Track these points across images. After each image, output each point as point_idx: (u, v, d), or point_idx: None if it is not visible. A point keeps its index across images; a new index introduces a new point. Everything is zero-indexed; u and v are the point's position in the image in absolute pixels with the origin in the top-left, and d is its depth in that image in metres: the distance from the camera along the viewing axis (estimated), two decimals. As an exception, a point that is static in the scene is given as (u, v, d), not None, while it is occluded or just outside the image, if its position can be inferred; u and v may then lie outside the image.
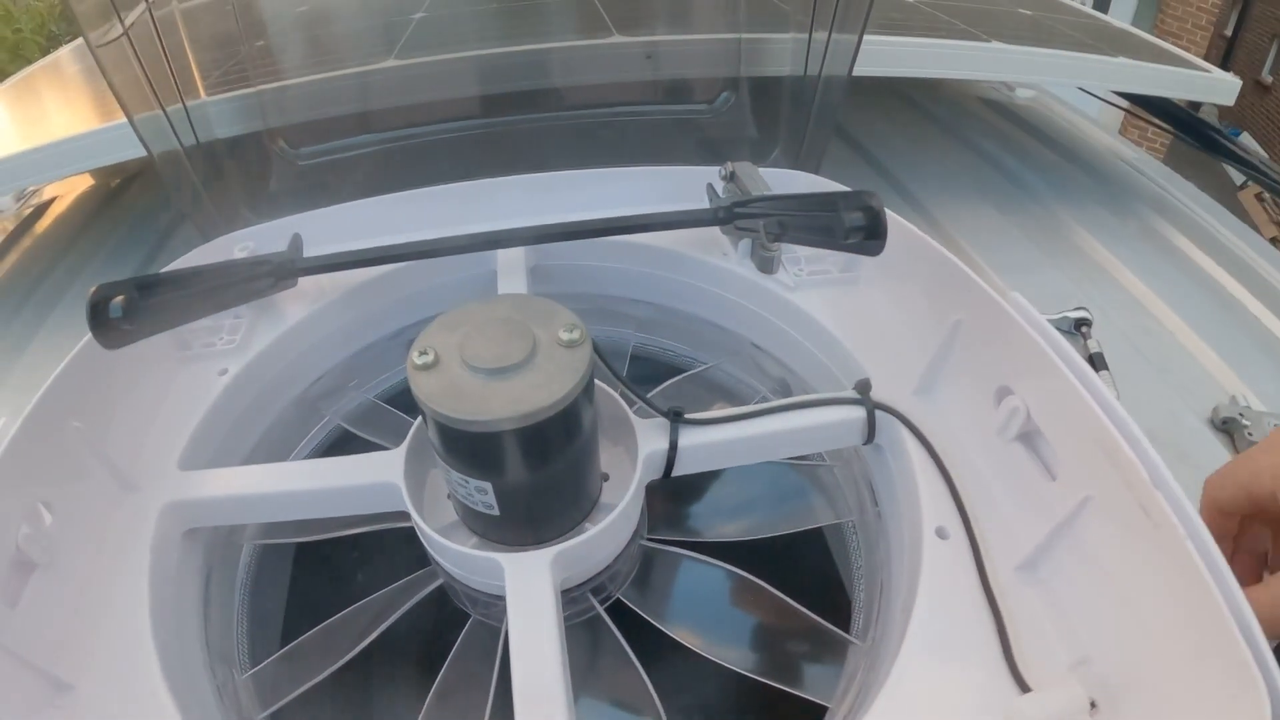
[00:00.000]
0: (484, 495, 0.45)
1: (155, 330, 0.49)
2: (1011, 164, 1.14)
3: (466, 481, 0.45)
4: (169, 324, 0.51)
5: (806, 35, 0.75)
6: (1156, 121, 1.37)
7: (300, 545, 0.68)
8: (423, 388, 0.42)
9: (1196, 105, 1.30)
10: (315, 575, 0.67)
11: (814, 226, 0.53)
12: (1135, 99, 1.31)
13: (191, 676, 0.50)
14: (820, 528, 0.66)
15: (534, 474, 0.45)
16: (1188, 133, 1.30)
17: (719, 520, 0.63)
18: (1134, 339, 0.85)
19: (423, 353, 0.43)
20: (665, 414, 0.51)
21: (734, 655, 0.53)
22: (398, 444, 0.60)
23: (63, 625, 0.46)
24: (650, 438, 0.51)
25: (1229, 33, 6.52)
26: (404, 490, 0.49)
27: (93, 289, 0.44)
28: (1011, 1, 1.24)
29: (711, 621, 0.55)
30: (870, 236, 0.46)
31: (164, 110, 0.69)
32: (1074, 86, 1.21)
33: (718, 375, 0.68)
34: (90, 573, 0.48)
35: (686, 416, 0.51)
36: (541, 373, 0.42)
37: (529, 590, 0.44)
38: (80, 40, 1.41)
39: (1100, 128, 1.35)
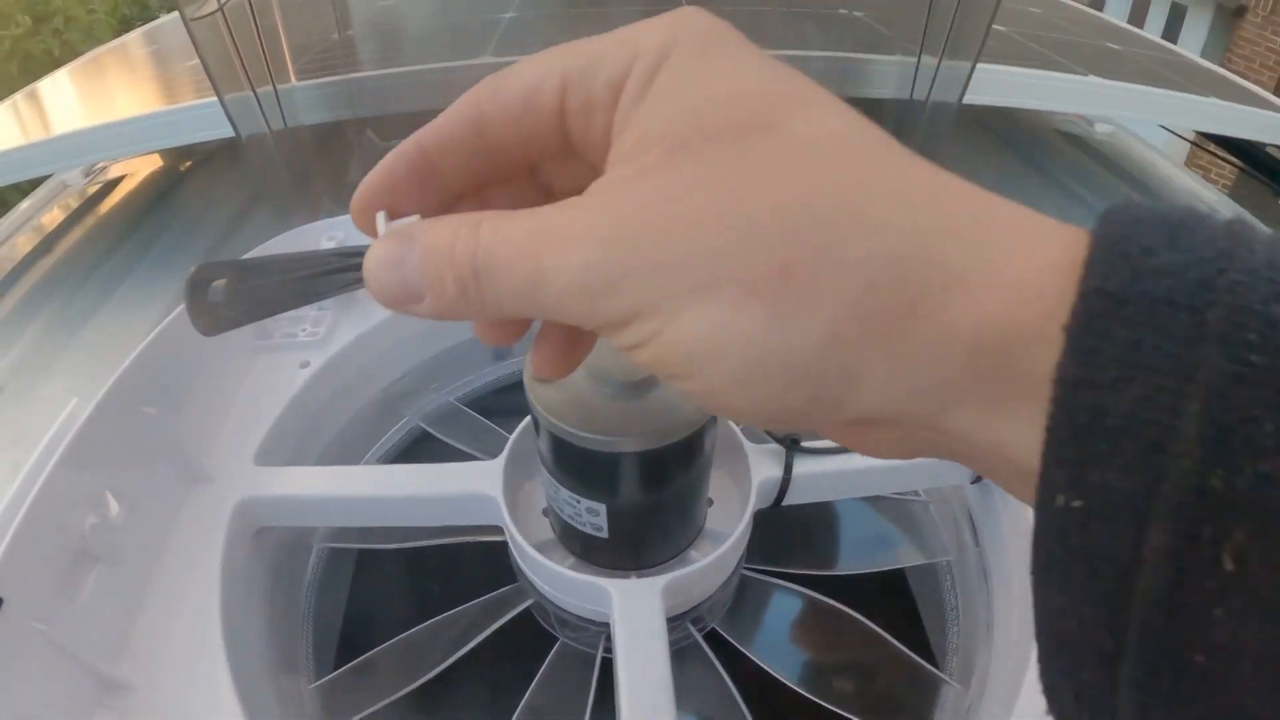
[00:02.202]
0: (595, 517, 0.43)
1: (256, 317, 0.46)
2: (1094, 201, 1.10)
3: (578, 501, 0.42)
4: (268, 311, 0.49)
5: (915, 59, 0.73)
6: (1230, 159, 1.34)
7: (362, 551, 0.65)
8: (543, 400, 0.39)
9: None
10: (377, 583, 0.64)
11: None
12: (1213, 137, 1.28)
13: (257, 683, 0.47)
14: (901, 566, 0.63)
15: (652, 498, 0.42)
16: (1259, 169, 1.27)
17: (809, 551, 0.60)
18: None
19: (543, 361, 0.41)
20: (781, 440, 0.48)
21: (828, 692, 0.50)
22: (480, 449, 0.58)
23: (124, 623, 0.43)
24: (763, 464, 0.48)
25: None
26: (503, 504, 0.46)
27: (194, 268, 0.41)
28: (1095, 34, 1.21)
29: (805, 655, 0.52)
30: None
31: (254, 91, 0.67)
32: (1157, 123, 1.18)
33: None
34: (156, 568, 0.46)
35: (803, 444, 0.48)
36: (673, 392, 0.40)
37: (639, 620, 0.41)
38: (150, 26, 1.41)
39: (1174, 163, 1.31)
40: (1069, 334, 0.14)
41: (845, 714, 0.47)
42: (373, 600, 0.63)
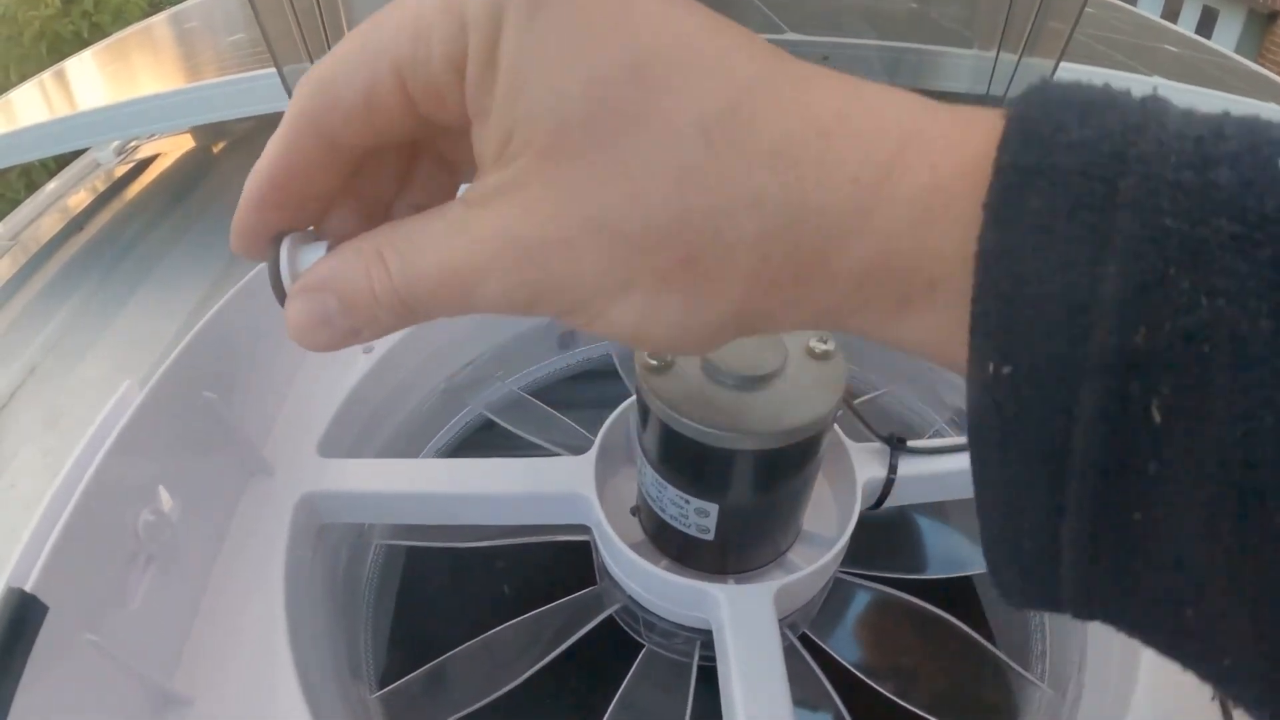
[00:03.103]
0: (703, 518, 0.40)
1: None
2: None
3: (686, 501, 0.39)
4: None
5: (993, 54, 0.71)
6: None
7: (412, 549, 0.62)
8: (662, 393, 0.37)
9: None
10: (437, 583, 0.61)
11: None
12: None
13: (326, 694, 0.44)
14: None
15: (766, 498, 0.39)
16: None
17: (888, 554, 0.58)
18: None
19: (655, 351, 0.38)
20: (885, 439, 0.46)
21: (920, 697, 0.47)
22: (548, 441, 0.55)
23: (181, 631, 0.40)
24: (868, 464, 0.45)
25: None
26: (597, 503, 0.43)
27: (283, 236, 0.37)
28: (1153, 36, 1.19)
29: (894, 658, 0.50)
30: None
31: (312, 63, 0.64)
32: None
33: (889, 402, 0.63)
34: (214, 568, 0.43)
35: (909, 444, 0.46)
36: (795, 386, 0.37)
37: (751, 627, 0.39)
38: (178, 8, 1.38)
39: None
40: (986, 208, 0.14)
41: (930, 717, 0.45)
42: (432, 602, 0.60)
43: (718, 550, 0.42)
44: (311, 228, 0.23)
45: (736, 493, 0.38)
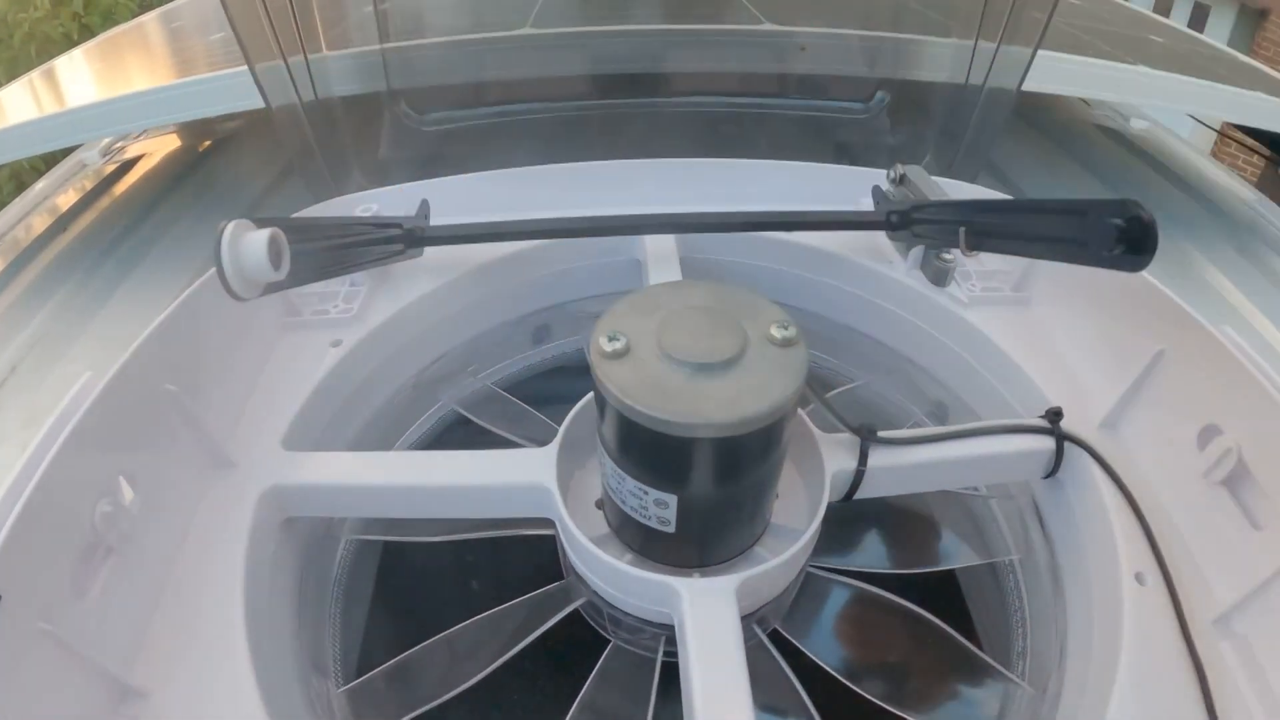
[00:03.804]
0: (663, 510, 0.39)
1: (294, 284, 0.43)
2: (1133, 194, 1.07)
3: (645, 493, 0.39)
4: (307, 278, 0.45)
5: (971, 43, 0.70)
6: (1264, 151, 1.32)
7: (387, 544, 0.62)
8: (615, 379, 0.36)
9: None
10: (407, 579, 0.60)
11: (1044, 236, 0.46)
12: (1246, 128, 1.26)
13: (286, 688, 0.43)
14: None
15: (728, 488, 0.39)
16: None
17: (864, 548, 0.57)
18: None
19: (612, 337, 0.37)
20: (856, 430, 0.45)
21: (895, 694, 0.46)
22: (519, 436, 0.54)
23: (138, 622, 0.39)
24: (838, 455, 0.45)
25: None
26: (557, 495, 0.43)
27: (226, 223, 0.36)
28: (1137, 26, 1.18)
29: (869, 656, 0.49)
30: (1134, 250, 0.39)
31: (285, 61, 0.64)
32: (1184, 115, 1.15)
33: (867, 393, 0.62)
34: (175, 561, 0.42)
35: (881, 435, 0.45)
36: (755, 373, 0.36)
37: (712, 623, 0.38)
38: (167, 7, 1.38)
39: (1206, 156, 1.28)
40: None
41: (909, 717, 0.44)
42: (402, 597, 0.59)
43: (680, 543, 0.41)
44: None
45: (695, 483, 0.38)
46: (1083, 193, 1.06)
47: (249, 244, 0.37)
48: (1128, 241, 0.40)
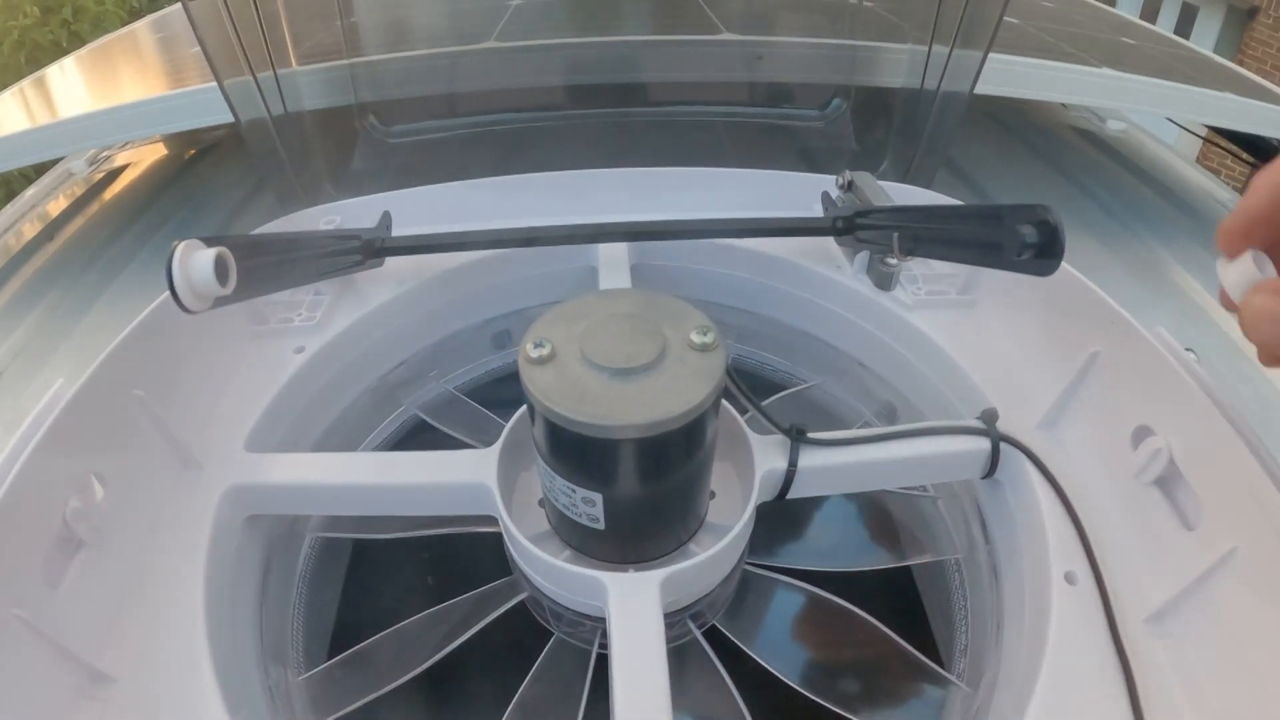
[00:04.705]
0: (591, 507, 0.41)
1: (246, 296, 0.45)
2: (1105, 197, 1.08)
3: (573, 491, 0.41)
4: (259, 290, 0.48)
5: (925, 48, 0.71)
6: (1242, 154, 1.32)
7: (357, 541, 0.64)
8: (538, 384, 0.38)
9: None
10: (371, 574, 0.63)
11: (965, 241, 0.48)
12: (1224, 132, 1.26)
13: (243, 676, 0.46)
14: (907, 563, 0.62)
15: (651, 487, 0.41)
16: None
17: (811, 547, 0.58)
18: (1233, 385, 0.79)
19: (538, 344, 0.39)
20: (786, 431, 0.47)
21: (831, 692, 0.48)
22: (478, 440, 0.57)
23: (107, 611, 0.42)
24: (768, 456, 0.46)
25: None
26: (496, 494, 0.45)
27: (178, 243, 0.39)
28: (1109, 28, 1.19)
29: (808, 654, 0.51)
30: (1044, 255, 0.41)
31: (254, 76, 0.66)
32: (1165, 119, 1.16)
33: (819, 395, 0.64)
34: (142, 555, 0.45)
35: (810, 435, 0.46)
36: (672, 376, 0.38)
37: (634, 615, 0.40)
38: (157, 15, 1.41)
39: (1186, 160, 1.29)
40: None
41: (847, 715, 0.46)
42: (367, 592, 0.62)
43: (611, 540, 0.43)
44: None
45: (619, 482, 0.40)
46: (1052, 195, 1.07)
47: (197, 262, 0.39)
48: (1036, 246, 0.41)
